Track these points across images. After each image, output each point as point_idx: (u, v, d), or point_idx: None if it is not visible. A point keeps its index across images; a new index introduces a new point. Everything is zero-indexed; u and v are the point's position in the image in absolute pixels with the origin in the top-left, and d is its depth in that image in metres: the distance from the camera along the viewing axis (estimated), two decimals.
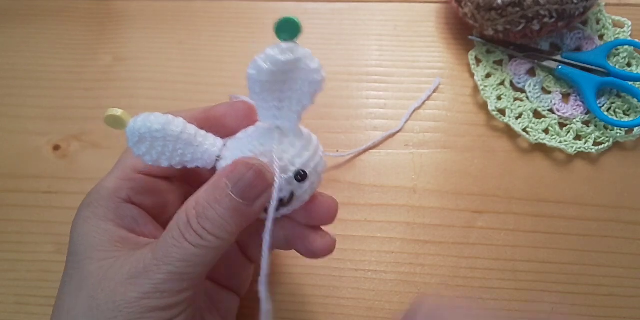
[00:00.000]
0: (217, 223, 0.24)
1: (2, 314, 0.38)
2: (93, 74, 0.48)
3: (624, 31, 0.47)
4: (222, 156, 0.27)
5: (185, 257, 0.24)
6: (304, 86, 0.25)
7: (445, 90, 0.46)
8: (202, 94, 0.47)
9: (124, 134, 0.25)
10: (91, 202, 0.28)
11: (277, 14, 0.51)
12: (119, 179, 0.29)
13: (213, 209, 0.25)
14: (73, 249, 0.27)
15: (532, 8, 0.42)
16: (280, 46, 0.24)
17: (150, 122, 0.25)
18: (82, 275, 0.26)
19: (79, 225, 0.27)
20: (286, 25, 0.23)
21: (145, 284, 0.24)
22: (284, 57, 0.23)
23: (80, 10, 0.53)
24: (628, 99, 0.44)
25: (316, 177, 0.27)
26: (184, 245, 0.24)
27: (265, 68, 0.23)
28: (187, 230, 0.24)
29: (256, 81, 0.24)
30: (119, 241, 0.27)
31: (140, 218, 0.28)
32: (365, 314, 0.37)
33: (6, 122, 0.46)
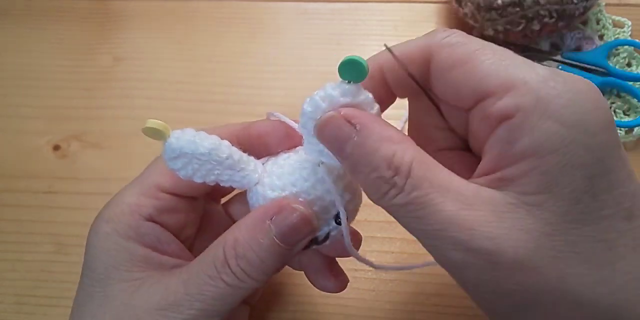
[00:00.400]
0: (256, 266, 0.24)
1: (2, 314, 0.38)
2: (93, 74, 0.48)
3: (624, 31, 0.47)
4: (261, 181, 0.26)
5: (219, 296, 0.24)
6: None
7: None
8: (201, 93, 0.47)
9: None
10: (111, 217, 0.26)
11: (277, 14, 0.51)
12: (141, 195, 0.27)
13: (254, 252, 0.24)
14: (93, 265, 0.26)
15: (532, 8, 0.42)
16: (343, 87, 0.22)
17: (196, 145, 0.24)
18: (105, 297, 0.25)
19: (99, 241, 0.26)
20: (352, 66, 0.21)
21: (175, 318, 0.24)
22: (344, 99, 0.22)
23: (80, 10, 0.53)
24: (628, 99, 0.44)
25: (352, 216, 0.27)
26: (219, 285, 0.24)
27: (322, 107, 0.22)
28: (225, 270, 0.24)
29: (310, 119, 0.23)
30: (142, 261, 0.26)
31: (163, 237, 0.27)
32: (366, 314, 0.37)
33: (6, 122, 0.46)
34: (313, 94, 0.23)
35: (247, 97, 0.47)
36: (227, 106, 0.46)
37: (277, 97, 0.46)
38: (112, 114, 0.46)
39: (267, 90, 0.47)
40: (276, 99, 0.46)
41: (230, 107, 0.46)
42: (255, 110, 0.46)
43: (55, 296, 0.38)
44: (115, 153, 0.44)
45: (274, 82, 0.47)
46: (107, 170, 0.43)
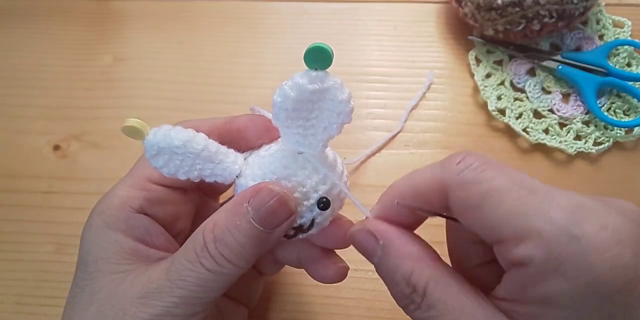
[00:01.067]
0: (235, 250, 0.24)
1: (2, 314, 0.38)
2: (93, 74, 0.48)
3: (624, 31, 0.47)
4: (242, 173, 0.26)
5: (200, 281, 0.24)
6: (331, 116, 0.24)
7: (445, 90, 0.46)
8: (201, 93, 0.47)
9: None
10: (103, 210, 0.27)
11: (277, 14, 0.51)
12: (132, 187, 0.27)
13: (232, 235, 0.24)
14: (83, 258, 0.26)
15: (532, 8, 0.42)
16: (310, 74, 0.22)
17: (171, 138, 0.24)
18: (93, 289, 0.25)
19: (90, 233, 0.27)
20: (317, 53, 0.22)
21: (157, 306, 0.23)
22: (312, 86, 0.22)
23: (80, 10, 0.53)
24: (628, 99, 0.44)
25: (338, 203, 0.27)
26: (200, 270, 0.24)
27: (291, 96, 0.22)
28: (204, 255, 0.24)
29: (281, 108, 0.23)
30: (130, 253, 0.26)
31: (152, 229, 0.27)
32: (365, 314, 0.37)
33: (6, 122, 0.46)
34: (282, 84, 0.23)
35: (247, 97, 0.47)
36: (227, 106, 0.46)
37: None
38: (112, 114, 0.46)
39: (267, 90, 0.47)
40: None
41: (230, 107, 0.46)
42: None
43: (55, 296, 0.38)
44: (115, 153, 0.44)
45: (273, 82, 0.47)
46: (107, 170, 0.43)
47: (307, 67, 0.22)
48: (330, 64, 0.22)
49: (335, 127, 0.24)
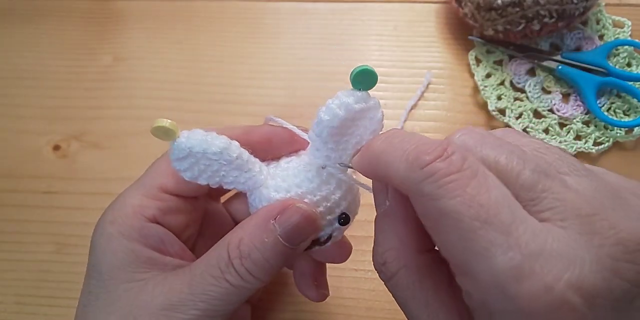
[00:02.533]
0: (261, 265, 0.24)
1: (2, 314, 0.38)
2: (93, 74, 0.49)
3: (624, 31, 0.47)
4: (265, 184, 0.26)
5: (223, 296, 0.24)
6: (365, 133, 0.24)
7: (445, 90, 0.46)
8: (202, 94, 0.47)
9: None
10: (115, 219, 0.27)
11: (277, 14, 0.51)
12: (145, 197, 0.27)
13: (259, 251, 0.24)
14: (97, 267, 0.26)
15: (532, 8, 0.42)
16: (356, 94, 0.23)
17: (208, 144, 0.24)
18: (110, 298, 0.25)
19: (104, 242, 0.26)
20: (365, 76, 0.23)
21: (179, 318, 0.24)
22: (358, 105, 0.23)
23: (80, 10, 0.53)
24: (628, 99, 0.44)
25: (352, 218, 0.27)
26: (224, 285, 0.24)
27: (340, 115, 0.23)
28: (229, 270, 0.24)
29: (326, 127, 0.23)
30: (147, 262, 0.26)
31: (166, 238, 0.27)
32: (365, 314, 0.37)
33: (6, 122, 0.46)
34: (328, 103, 0.23)
35: (247, 97, 0.47)
36: (227, 106, 0.46)
37: (277, 97, 0.46)
38: (112, 114, 0.46)
39: (267, 90, 0.47)
40: (276, 99, 0.46)
41: (230, 107, 0.46)
42: (255, 110, 0.46)
43: (55, 296, 0.38)
44: (115, 153, 0.44)
45: (274, 82, 0.47)
46: (107, 170, 0.43)
47: (352, 86, 0.23)
48: (374, 85, 0.23)
49: (365, 142, 0.25)
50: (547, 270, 0.15)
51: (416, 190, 0.18)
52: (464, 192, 0.17)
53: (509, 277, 0.15)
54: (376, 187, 0.24)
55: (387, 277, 0.22)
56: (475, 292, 0.17)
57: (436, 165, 0.18)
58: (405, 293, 0.21)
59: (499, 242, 0.16)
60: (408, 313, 0.21)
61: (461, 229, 0.17)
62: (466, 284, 0.18)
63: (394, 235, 0.22)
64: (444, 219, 0.17)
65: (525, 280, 0.15)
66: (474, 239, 0.16)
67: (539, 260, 0.15)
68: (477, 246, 0.16)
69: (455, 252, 0.17)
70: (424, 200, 0.18)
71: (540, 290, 0.15)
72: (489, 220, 0.16)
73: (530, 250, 0.15)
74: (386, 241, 0.22)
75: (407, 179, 0.19)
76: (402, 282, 0.21)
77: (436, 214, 0.18)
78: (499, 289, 0.16)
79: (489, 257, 0.16)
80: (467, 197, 0.17)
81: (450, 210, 0.17)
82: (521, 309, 0.15)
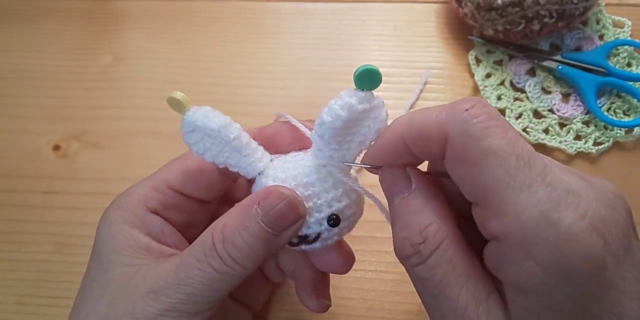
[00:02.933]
0: (243, 251, 0.24)
1: (2, 314, 0.38)
2: (93, 74, 0.49)
3: (624, 31, 0.47)
4: (265, 173, 0.27)
5: (207, 281, 0.24)
6: (369, 133, 0.24)
7: (445, 90, 0.46)
8: (202, 93, 0.47)
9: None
10: (121, 205, 0.28)
11: (277, 14, 0.51)
12: (151, 188, 0.28)
13: (241, 236, 0.24)
14: (98, 250, 0.27)
15: (532, 8, 0.42)
16: (359, 94, 0.23)
17: (209, 119, 0.25)
18: (105, 280, 0.26)
19: (106, 227, 0.27)
20: (369, 75, 0.22)
21: (164, 302, 0.24)
22: (361, 106, 0.23)
23: (80, 10, 0.53)
24: (628, 99, 0.44)
25: (347, 225, 0.27)
26: (207, 270, 0.24)
27: (342, 115, 0.23)
28: (212, 255, 0.24)
29: (329, 128, 0.23)
30: (144, 248, 0.26)
31: (166, 229, 0.28)
32: (365, 314, 0.37)
33: (6, 122, 0.46)
34: (330, 104, 0.23)
35: (247, 97, 0.47)
36: (227, 106, 0.46)
37: (277, 97, 0.46)
38: (112, 114, 0.46)
39: (267, 90, 0.47)
40: (276, 99, 0.46)
41: (230, 107, 0.46)
42: (256, 110, 0.46)
43: (55, 296, 0.38)
44: (115, 153, 0.44)
45: (274, 82, 0.47)
46: (107, 170, 0.43)
47: (355, 86, 0.23)
48: (379, 85, 0.23)
49: (369, 142, 0.25)
50: (577, 204, 0.18)
51: (461, 131, 0.20)
52: (508, 135, 0.19)
53: (551, 207, 0.18)
54: (395, 175, 0.24)
55: (426, 253, 0.21)
56: (516, 227, 0.18)
57: (478, 110, 0.20)
58: (446, 268, 0.20)
59: (539, 180, 0.18)
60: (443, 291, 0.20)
61: (507, 166, 0.19)
62: (505, 222, 0.19)
63: (431, 211, 0.22)
64: (490, 158, 0.19)
65: (564, 210, 0.18)
66: (519, 175, 0.19)
67: (569, 196, 0.18)
68: (521, 182, 0.18)
69: (498, 189, 0.19)
70: (469, 140, 0.19)
71: (576, 217, 0.18)
72: (530, 162, 0.19)
73: (562, 189, 0.18)
74: (423, 219, 0.22)
75: (450, 123, 0.20)
76: (446, 254, 0.21)
77: (480, 153, 0.19)
78: (542, 218, 0.18)
79: (533, 192, 0.18)
80: (512, 140, 0.19)
81: (498, 148, 0.19)
82: (562, 234, 0.18)
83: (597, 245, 0.18)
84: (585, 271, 0.18)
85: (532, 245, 0.18)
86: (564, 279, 0.18)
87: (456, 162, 0.20)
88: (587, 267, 0.18)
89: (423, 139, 0.22)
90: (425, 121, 0.21)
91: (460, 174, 0.20)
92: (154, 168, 0.30)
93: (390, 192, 0.24)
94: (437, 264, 0.21)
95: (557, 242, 0.18)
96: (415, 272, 0.21)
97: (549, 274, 0.18)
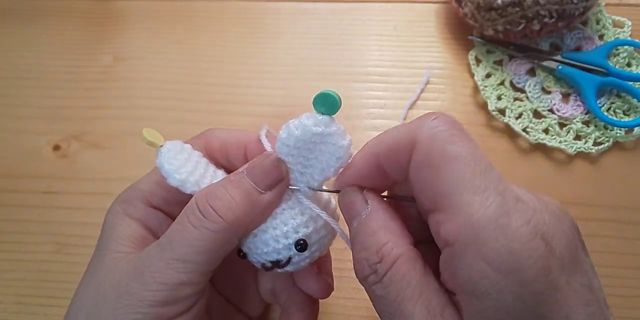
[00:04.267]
0: (225, 201, 0.24)
1: (2, 314, 0.38)
2: (93, 74, 0.49)
3: (624, 31, 0.47)
4: None
5: (189, 242, 0.23)
6: (330, 159, 0.25)
7: (445, 90, 0.46)
8: (202, 93, 0.47)
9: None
10: (126, 199, 0.28)
11: (277, 14, 0.51)
12: (155, 184, 0.28)
13: (224, 189, 0.25)
14: (100, 239, 0.28)
15: (532, 8, 0.42)
16: (316, 117, 0.24)
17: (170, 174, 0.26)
18: (97, 266, 0.26)
19: (109, 217, 0.28)
20: (325, 99, 0.23)
21: (146, 275, 0.23)
22: (316, 128, 0.24)
23: (80, 10, 0.53)
24: (628, 99, 0.44)
25: (318, 248, 0.27)
26: (188, 228, 0.24)
27: (295, 134, 0.24)
28: (193, 212, 0.24)
29: (284, 144, 0.25)
30: (140, 240, 0.27)
31: (165, 224, 0.28)
32: (365, 314, 0.37)
33: (6, 122, 0.46)
34: (289, 122, 0.24)
35: (247, 97, 0.47)
36: (227, 106, 0.46)
37: (277, 97, 0.46)
38: (112, 114, 0.46)
39: (267, 90, 0.47)
40: (276, 99, 0.46)
41: (230, 107, 0.46)
42: (255, 110, 0.46)
43: (55, 296, 0.38)
44: (115, 153, 0.44)
45: (274, 82, 0.47)
46: (107, 170, 0.43)
47: (315, 110, 0.23)
48: (337, 111, 0.23)
49: (333, 170, 0.25)
50: (524, 210, 0.19)
51: (428, 135, 0.21)
52: (470, 144, 0.21)
53: (501, 212, 0.19)
54: (352, 198, 0.25)
55: (382, 272, 0.22)
56: (466, 228, 0.19)
57: (445, 119, 0.22)
58: (400, 284, 0.21)
59: (492, 187, 0.20)
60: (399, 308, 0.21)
61: (466, 171, 0.20)
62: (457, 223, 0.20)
63: (386, 232, 0.23)
64: (451, 162, 0.20)
65: (512, 215, 0.19)
66: (475, 180, 0.20)
67: (518, 204, 0.20)
68: (476, 187, 0.20)
69: (454, 192, 0.20)
70: (435, 144, 0.21)
71: (523, 222, 0.19)
72: (487, 171, 0.20)
73: (512, 197, 0.20)
74: (380, 238, 0.22)
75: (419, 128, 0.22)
76: (400, 270, 0.21)
77: (443, 157, 0.21)
78: (491, 220, 0.19)
79: (485, 196, 0.19)
80: (473, 149, 0.21)
81: (460, 154, 0.20)
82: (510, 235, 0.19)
83: (541, 248, 0.19)
84: (533, 270, 0.18)
85: (482, 246, 0.19)
86: (513, 278, 0.18)
87: (420, 166, 0.22)
88: (533, 266, 0.18)
89: (394, 150, 0.23)
90: (396, 133, 0.23)
91: (423, 177, 0.22)
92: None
93: (349, 215, 0.24)
94: (391, 282, 0.21)
95: (505, 242, 0.19)
96: (373, 290, 0.22)
97: (499, 273, 0.19)
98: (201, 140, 0.29)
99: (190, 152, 0.27)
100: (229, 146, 0.29)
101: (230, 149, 0.29)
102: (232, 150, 0.29)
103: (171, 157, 0.26)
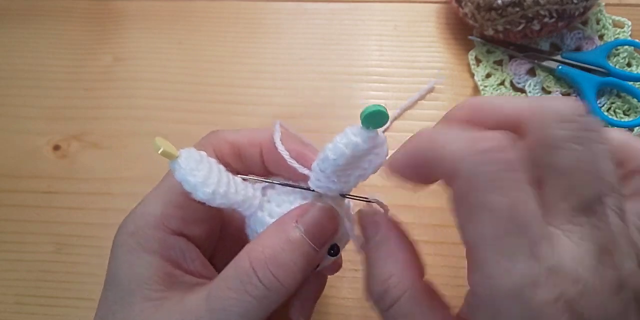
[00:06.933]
0: (288, 268, 0.22)
1: (2, 314, 0.38)
2: (93, 74, 0.49)
3: (624, 31, 0.47)
4: (261, 206, 0.26)
5: (245, 312, 0.22)
6: (369, 166, 0.24)
7: (445, 90, 0.46)
8: (201, 93, 0.47)
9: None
10: (136, 229, 0.25)
11: (277, 14, 0.51)
12: (168, 205, 0.25)
13: (284, 252, 0.22)
14: (116, 280, 0.25)
15: (532, 8, 0.42)
16: (364, 133, 0.22)
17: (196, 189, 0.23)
18: (127, 316, 0.23)
19: (121, 254, 0.25)
20: (377, 116, 0.22)
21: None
22: (366, 144, 0.23)
23: (80, 10, 0.53)
24: (628, 99, 0.44)
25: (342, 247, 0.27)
26: (245, 299, 0.22)
27: (346, 154, 0.23)
28: (251, 280, 0.22)
29: (331, 165, 0.23)
30: (165, 279, 0.24)
31: (188, 252, 0.26)
32: (365, 314, 0.37)
33: (6, 122, 0.46)
34: (335, 140, 0.23)
35: (247, 97, 0.47)
36: (227, 106, 0.46)
37: (277, 97, 0.46)
38: (112, 114, 0.46)
39: (267, 90, 0.47)
40: (276, 99, 0.46)
41: (230, 107, 0.46)
42: (255, 110, 0.46)
43: (55, 296, 0.38)
44: (115, 153, 0.44)
45: (274, 82, 0.47)
46: (107, 170, 0.43)
47: (361, 124, 0.22)
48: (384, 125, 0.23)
49: (368, 175, 0.25)
50: (556, 284, 0.17)
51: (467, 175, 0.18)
52: (513, 194, 0.17)
53: (527, 282, 0.17)
54: (368, 220, 0.24)
55: (388, 304, 0.21)
56: (487, 291, 0.18)
57: (496, 155, 0.18)
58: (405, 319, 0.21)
59: (525, 251, 0.17)
60: None
61: (496, 228, 0.17)
62: (479, 281, 0.18)
63: (395, 261, 0.22)
64: (482, 213, 0.17)
65: (540, 288, 0.16)
66: (505, 240, 0.17)
67: (552, 275, 0.17)
68: (505, 249, 0.17)
69: (481, 247, 0.18)
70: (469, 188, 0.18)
71: (550, 300, 0.16)
72: (526, 229, 0.17)
73: (547, 265, 0.17)
74: (387, 268, 0.22)
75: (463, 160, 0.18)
76: (405, 306, 0.21)
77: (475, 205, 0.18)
78: (514, 290, 0.17)
79: (514, 261, 0.17)
80: (516, 200, 0.17)
81: (493, 207, 0.17)
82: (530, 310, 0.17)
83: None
84: None
85: (498, 314, 0.17)
86: None
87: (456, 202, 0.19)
88: None
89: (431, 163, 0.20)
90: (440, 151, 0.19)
91: (457, 213, 0.19)
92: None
93: (365, 234, 0.24)
94: (398, 313, 0.21)
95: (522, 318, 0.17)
96: (381, 315, 0.22)
97: None
98: (208, 144, 0.27)
99: (208, 160, 0.25)
100: (242, 148, 0.27)
101: (245, 151, 0.27)
102: (246, 153, 0.27)
103: (193, 168, 0.23)
